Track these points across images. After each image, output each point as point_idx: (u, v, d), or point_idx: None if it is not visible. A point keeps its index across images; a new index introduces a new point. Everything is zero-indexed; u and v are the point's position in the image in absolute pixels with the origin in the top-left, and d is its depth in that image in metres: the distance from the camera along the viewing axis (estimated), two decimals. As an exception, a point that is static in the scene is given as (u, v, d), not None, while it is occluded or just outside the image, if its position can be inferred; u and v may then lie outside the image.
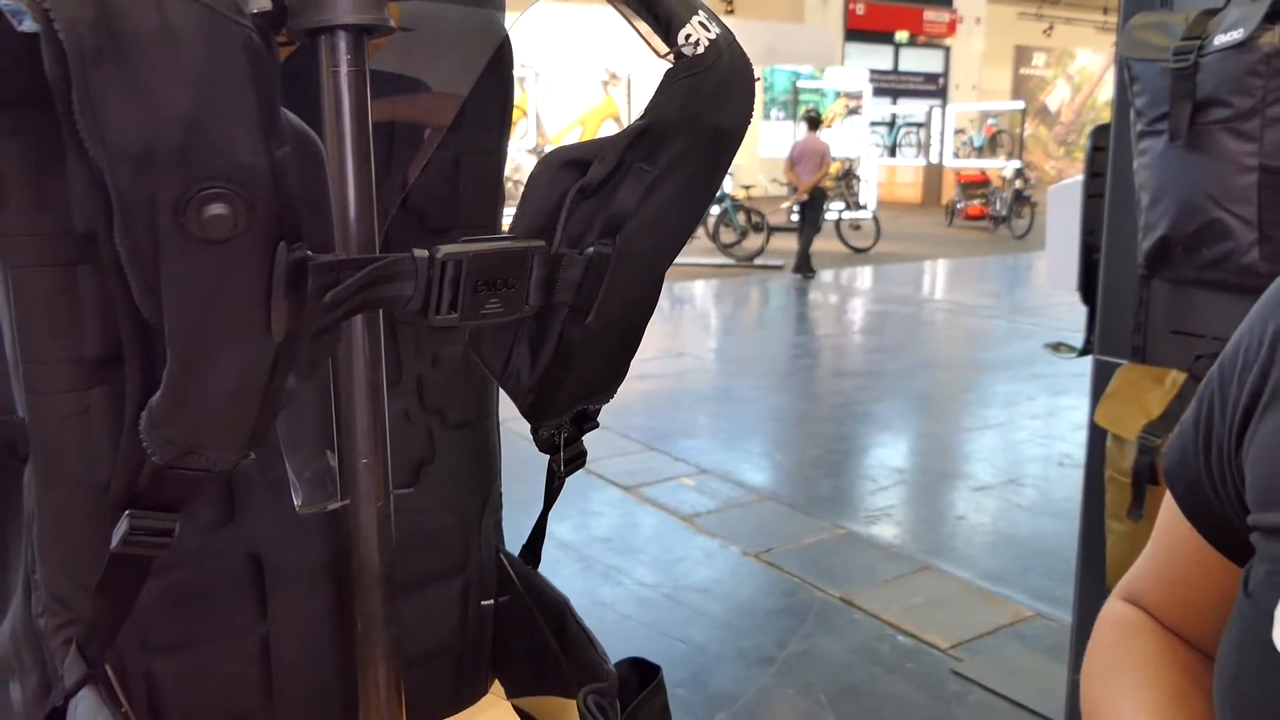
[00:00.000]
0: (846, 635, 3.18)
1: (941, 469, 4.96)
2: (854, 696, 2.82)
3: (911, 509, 4.38)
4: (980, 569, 3.63)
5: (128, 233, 0.50)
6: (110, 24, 0.47)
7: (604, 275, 0.68)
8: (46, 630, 0.70)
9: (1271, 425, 0.52)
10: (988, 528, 4.13)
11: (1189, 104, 2.03)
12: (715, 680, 2.91)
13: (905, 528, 4.14)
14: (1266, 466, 0.52)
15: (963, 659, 2.97)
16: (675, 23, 0.65)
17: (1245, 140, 1.93)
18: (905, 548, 3.89)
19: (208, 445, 0.58)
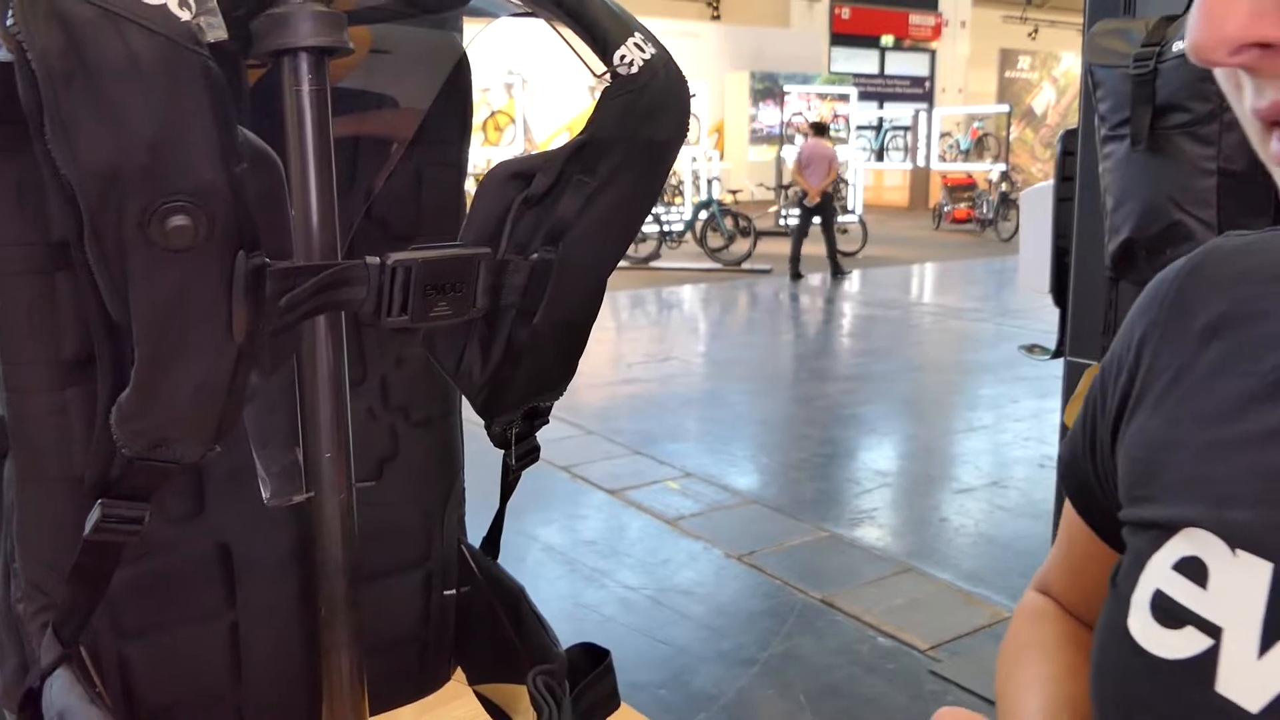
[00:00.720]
0: (827, 636, 3.21)
1: (926, 471, 5.01)
2: (833, 696, 2.85)
3: (895, 511, 4.42)
4: (961, 570, 3.68)
5: (96, 242, 0.54)
6: (79, 52, 0.51)
7: (548, 280, 0.72)
8: (25, 615, 0.74)
9: (1138, 425, 0.55)
10: (969, 529, 4.17)
11: (1149, 109, 2.08)
12: (696, 681, 2.95)
13: (888, 530, 4.18)
14: (1131, 465, 0.55)
15: (941, 660, 3.01)
16: (610, 44, 0.70)
17: (1204, 144, 1.98)
18: (888, 550, 3.93)
19: (175, 438, 0.62)
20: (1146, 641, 0.48)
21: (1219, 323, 0.53)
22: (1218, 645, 0.45)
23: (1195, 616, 0.47)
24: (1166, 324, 0.56)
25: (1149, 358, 0.56)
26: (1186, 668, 0.46)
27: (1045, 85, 24.02)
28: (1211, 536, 0.47)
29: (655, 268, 12.07)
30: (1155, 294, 0.58)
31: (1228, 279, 0.54)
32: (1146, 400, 0.55)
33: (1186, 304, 0.55)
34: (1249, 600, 0.44)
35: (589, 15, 0.70)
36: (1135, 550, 0.52)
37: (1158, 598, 0.49)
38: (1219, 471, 0.49)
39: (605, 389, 6.49)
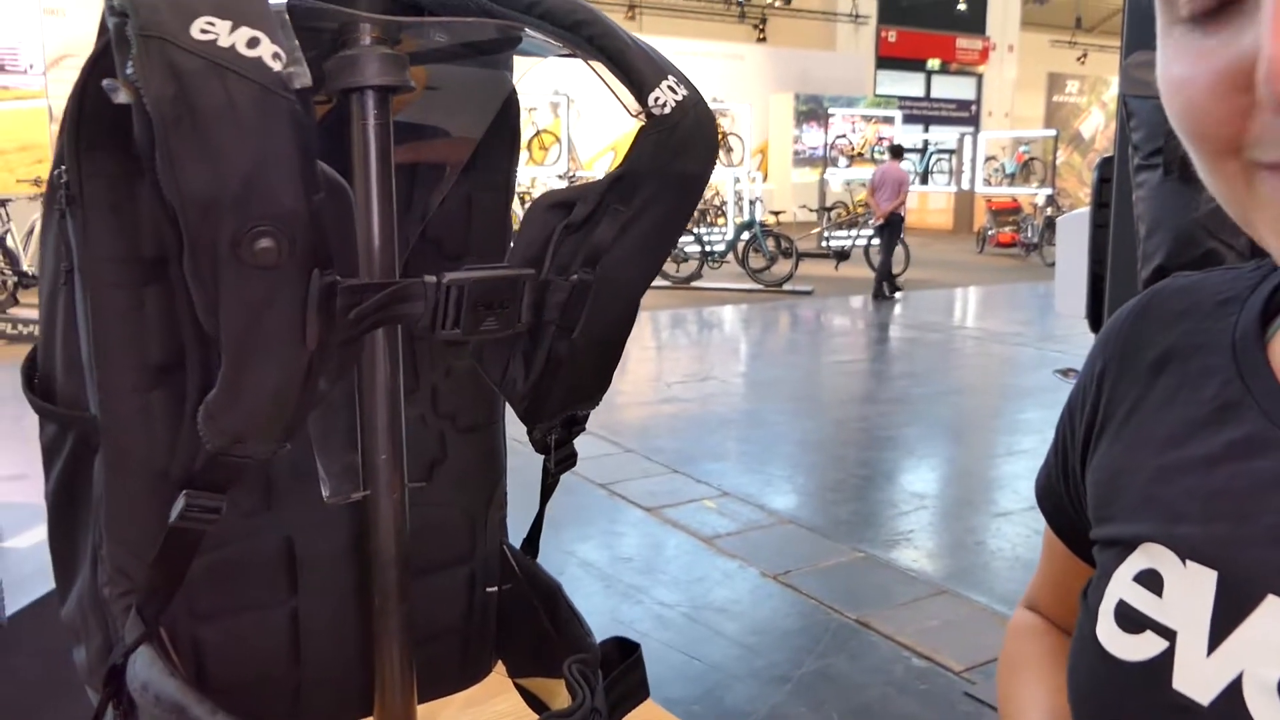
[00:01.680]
0: (861, 656, 3.23)
1: (964, 495, 5.01)
2: (866, 716, 2.87)
3: (931, 534, 4.43)
4: (997, 593, 3.68)
5: (194, 261, 0.62)
6: (187, 98, 0.59)
7: (586, 299, 0.79)
8: (110, 598, 0.82)
9: (1103, 451, 0.61)
10: (1007, 553, 4.17)
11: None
12: (730, 698, 2.98)
13: (924, 552, 4.19)
14: (1098, 488, 0.60)
15: (976, 681, 3.03)
16: (646, 86, 0.77)
17: (1235, 174, 2.02)
18: (923, 571, 3.93)
19: (252, 436, 0.69)
20: (1111, 647, 0.53)
21: (1165, 357, 0.58)
22: (1172, 647, 0.50)
23: (1153, 622, 0.51)
24: (1121, 359, 0.61)
25: (1108, 390, 0.61)
26: (1146, 668, 0.51)
27: (1094, 110, 23.85)
28: (1165, 550, 0.52)
29: (697, 287, 12.14)
30: (1110, 332, 0.63)
31: (1172, 316, 0.59)
32: (1109, 429, 0.60)
33: (1137, 341, 0.60)
34: (1198, 605, 0.49)
35: (627, 60, 0.77)
36: (1102, 565, 0.57)
37: (1121, 606, 0.53)
38: (1169, 492, 0.54)
39: (645, 407, 6.55)
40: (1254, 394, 0.52)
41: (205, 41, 0.60)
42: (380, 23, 0.77)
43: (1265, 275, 0.56)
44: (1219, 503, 0.51)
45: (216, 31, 0.60)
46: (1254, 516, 0.49)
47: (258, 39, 0.61)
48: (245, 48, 0.61)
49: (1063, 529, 0.68)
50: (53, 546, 0.89)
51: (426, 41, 0.83)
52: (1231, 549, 0.49)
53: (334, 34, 0.77)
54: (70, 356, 0.82)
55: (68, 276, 0.80)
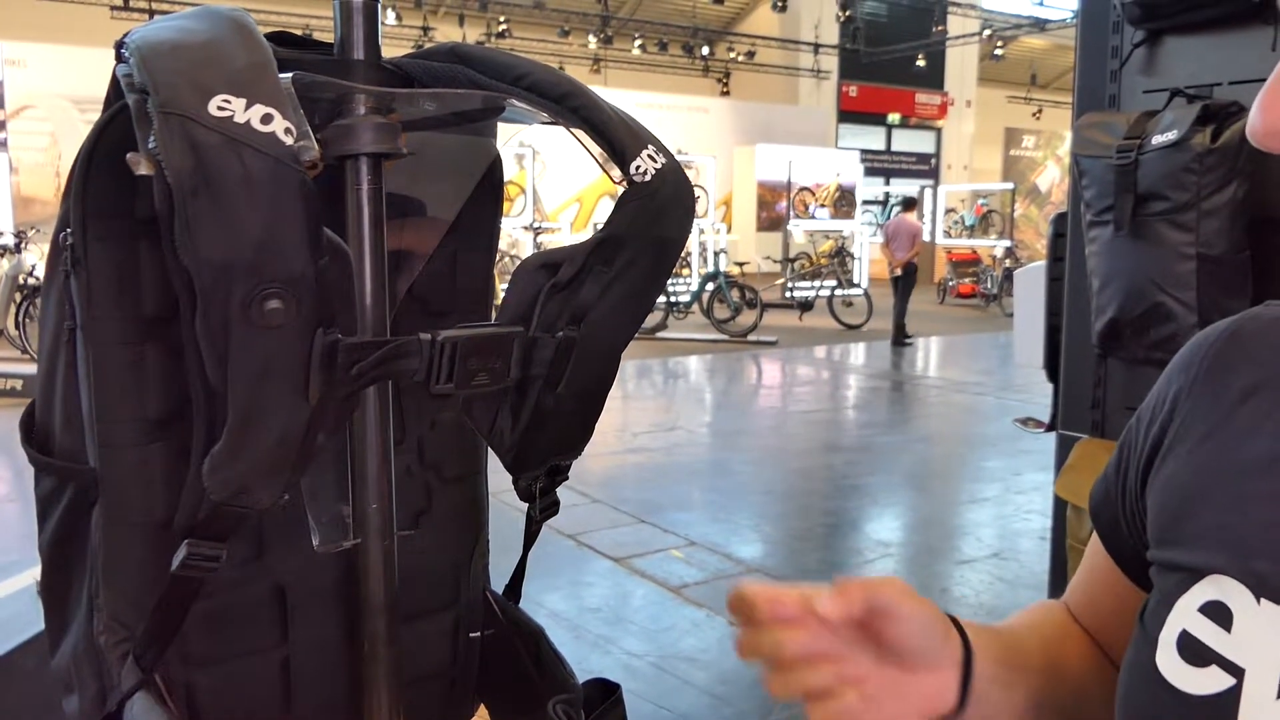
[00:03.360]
0: (829, 703, 3.26)
1: (928, 542, 5.05)
2: (834, 761, 2.90)
3: (896, 581, 4.47)
4: (961, 639, 3.72)
5: (206, 320, 0.66)
6: (204, 170, 0.63)
7: (571, 354, 0.84)
8: (105, 646, 0.84)
9: (1169, 472, 0.59)
10: (970, 600, 4.22)
11: (1131, 197, 2.20)
12: (699, 745, 2.99)
13: (889, 599, 4.23)
14: (1162, 510, 0.59)
15: (940, 726, 3.06)
16: (628, 154, 0.82)
17: (1183, 231, 2.10)
18: (888, 618, 3.97)
19: (255, 487, 0.73)
20: (1174, 678, 0.52)
21: (1254, 386, 0.57)
22: (1240, 685, 0.49)
23: (1220, 657, 0.50)
24: (1204, 382, 0.60)
25: (1184, 411, 0.60)
26: (1211, 703, 0.50)
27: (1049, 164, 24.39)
28: (1237, 584, 0.51)
29: (662, 338, 12.21)
30: (1194, 353, 0.62)
31: (1266, 347, 0.58)
32: (1178, 450, 0.59)
33: (1225, 366, 0.59)
34: (1271, 645, 0.49)
35: (609, 131, 0.83)
36: (1163, 591, 0.56)
37: (1184, 637, 0.52)
38: (1246, 523, 0.53)
39: (611, 458, 6.57)
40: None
41: (222, 118, 0.64)
42: (375, 94, 0.82)
43: None
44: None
45: (233, 108, 0.65)
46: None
47: (271, 115, 0.66)
48: (259, 123, 0.65)
49: (1115, 546, 0.67)
50: (45, 596, 0.91)
51: (417, 110, 0.87)
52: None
53: (331, 104, 0.81)
54: (70, 411, 0.85)
55: (70, 334, 0.83)
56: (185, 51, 0.68)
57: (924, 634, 0.60)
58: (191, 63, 0.67)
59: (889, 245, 12.23)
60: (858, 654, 0.60)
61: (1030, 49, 27.31)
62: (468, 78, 0.86)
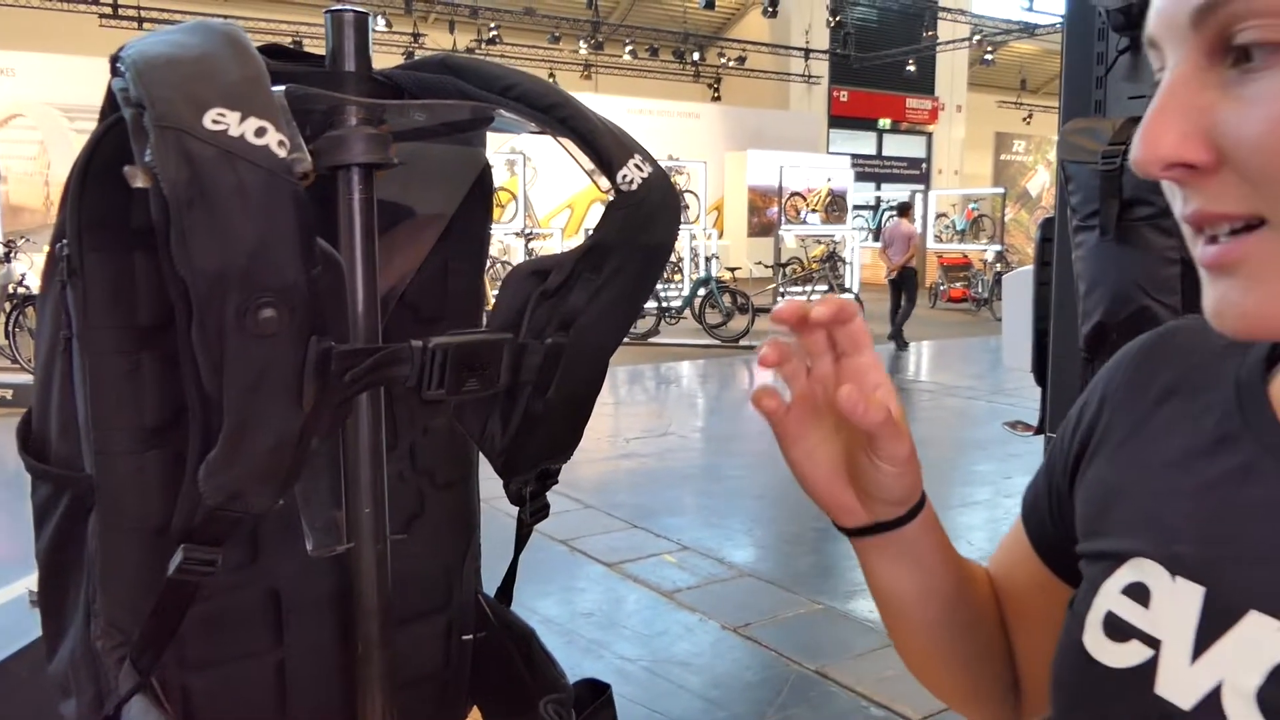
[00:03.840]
0: (821, 707, 3.27)
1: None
2: (826, 764, 2.91)
3: (888, 584, 4.48)
4: (952, 642, 3.73)
5: (201, 329, 0.67)
6: (200, 183, 0.65)
7: (560, 360, 0.85)
8: (103, 651, 0.85)
9: (1095, 471, 0.64)
10: (961, 602, 4.23)
11: (1117, 202, 2.22)
12: (692, 749, 3.00)
13: (881, 602, 4.24)
14: (1088, 505, 0.63)
15: (932, 729, 3.08)
16: (615, 164, 0.84)
17: (1167, 235, 2.12)
18: (880, 622, 3.97)
19: (250, 492, 0.74)
20: (1098, 653, 0.56)
21: (1172, 388, 0.62)
22: (1157, 655, 0.53)
23: (1139, 631, 0.55)
24: (1127, 387, 0.65)
25: (1108, 414, 0.65)
26: (1131, 674, 0.54)
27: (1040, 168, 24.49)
28: (1155, 565, 0.56)
29: (654, 343, 12.22)
30: (1120, 361, 0.67)
31: (1182, 353, 0.63)
32: (1103, 451, 0.64)
33: (1147, 372, 0.64)
34: (1185, 617, 0.53)
35: (597, 141, 0.84)
36: (1090, 578, 0.60)
37: (1108, 617, 0.57)
38: (1164, 511, 0.57)
39: (604, 463, 6.58)
40: (1251, 427, 0.56)
41: (217, 131, 0.66)
42: (366, 105, 0.83)
43: None
44: (1211, 525, 0.55)
45: (227, 122, 0.66)
46: (1243, 539, 0.53)
47: (265, 129, 0.67)
48: (253, 136, 0.67)
49: (1043, 546, 0.71)
50: (43, 602, 0.92)
51: (408, 121, 0.89)
52: (1220, 567, 0.53)
53: (323, 115, 0.83)
54: (66, 419, 0.86)
55: (66, 344, 0.84)
56: (180, 66, 0.69)
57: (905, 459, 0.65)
58: (186, 77, 0.68)
59: (886, 251, 12.42)
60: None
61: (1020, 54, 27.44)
62: (457, 89, 0.88)
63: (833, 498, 0.69)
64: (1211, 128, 0.47)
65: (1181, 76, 0.48)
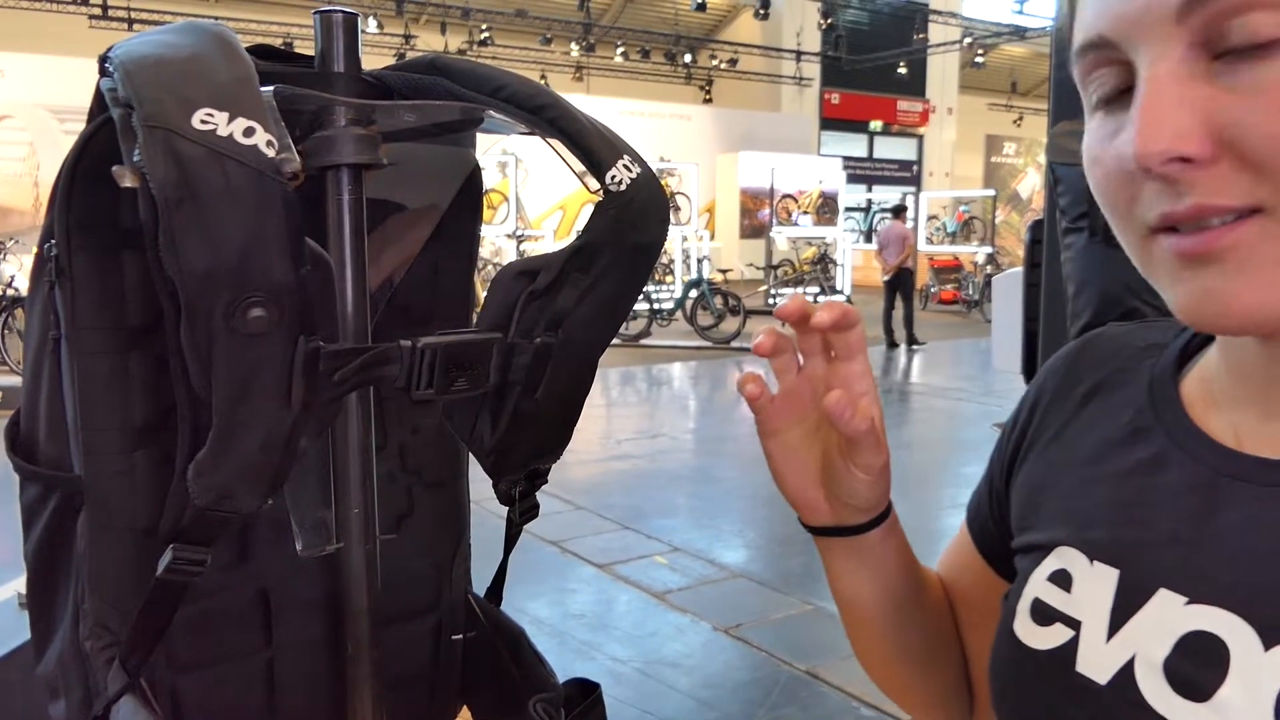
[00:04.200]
0: (812, 707, 3.28)
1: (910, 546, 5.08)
2: (817, 765, 2.92)
3: (879, 585, 4.49)
4: (943, 642, 3.75)
5: (191, 329, 0.67)
6: (188, 182, 0.65)
7: (549, 360, 0.86)
8: (91, 651, 0.85)
9: (1028, 468, 0.68)
10: (952, 603, 4.25)
11: (1105, 204, 2.24)
12: (683, 750, 3.01)
13: (872, 603, 4.25)
14: (1019, 503, 0.68)
15: (922, 729, 3.09)
16: (604, 165, 0.84)
17: (1156, 237, 2.14)
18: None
19: (239, 492, 0.74)
20: (1025, 638, 0.60)
21: (1093, 390, 0.66)
22: (1077, 635, 0.57)
23: (1061, 614, 0.58)
24: (1055, 391, 0.69)
25: (1039, 417, 0.69)
26: (1054, 655, 0.57)
27: (1030, 170, 24.57)
28: (1076, 552, 0.59)
29: (645, 345, 12.24)
30: (1048, 368, 0.72)
31: (1104, 357, 0.67)
32: (1035, 450, 0.68)
33: (1072, 377, 0.68)
34: (1101, 598, 0.57)
35: (585, 140, 0.84)
36: (1021, 570, 0.64)
37: (1035, 603, 0.60)
38: (1084, 502, 0.61)
39: (595, 465, 6.58)
40: (1161, 420, 0.60)
41: (206, 131, 0.66)
42: (355, 106, 0.83)
43: (1186, 326, 0.63)
44: (1125, 511, 0.58)
45: (216, 122, 0.66)
46: (1153, 523, 0.56)
47: (253, 128, 0.67)
48: (242, 136, 0.67)
49: (986, 544, 0.74)
50: (31, 603, 0.92)
51: (397, 122, 0.89)
52: (1132, 550, 0.57)
53: (312, 115, 0.83)
54: (54, 420, 0.86)
55: (55, 344, 0.84)
56: (169, 66, 0.69)
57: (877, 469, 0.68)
58: (175, 77, 0.68)
59: (881, 253, 12.54)
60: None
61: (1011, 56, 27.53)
62: (446, 89, 0.88)
63: (801, 493, 0.71)
64: (1209, 120, 0.47)
65: (1168, 71, 0.48)
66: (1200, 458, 0.56)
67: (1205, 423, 0.58)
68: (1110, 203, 0.54)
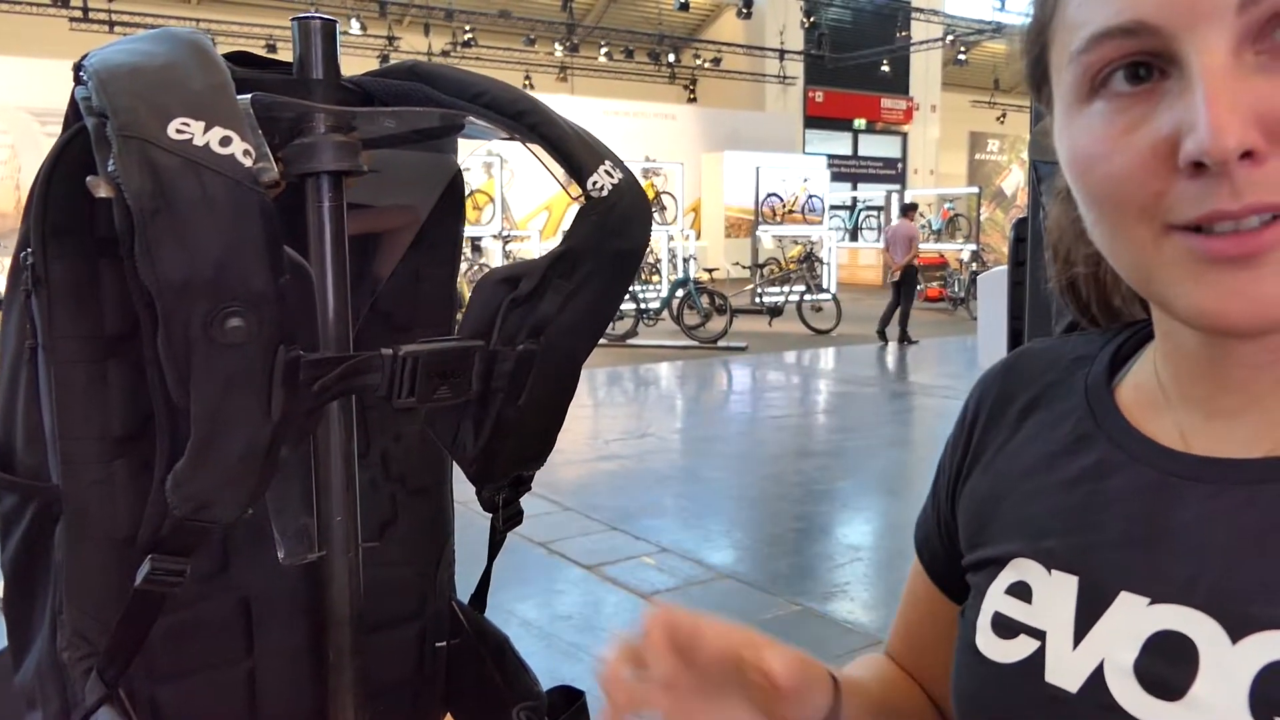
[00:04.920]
0: (800, 706, 3.28)
1: (898, 546, 5.08)
2: (805, 764, 2.91)
3: (867, 585, 4.49)
4: (930, 641, 3.74)
5: (168, 339, 0.67)
6: (164, 192, 0.64)
7: (532, 367, 0.85)
8: (69, 662, 0.85)
9: (970, 488, 0.68)
10: (939, 601, 4.25)
11: (1088, 203, 2.25)
12: (672, 750, 3.00)
13: (860, 604, 4.25)
14: (968, 518, 0.67)
15: (911, 728, 3.09)
16: (585, 171, 0.84)
17: (1138, 235, 2.15)
18: (859, 623, 3.99)
19: (217, 502, 0.74)
20: (989, 652, 0.59)
21: (1029, 405, 0.66)
22: (1043, 646, 0.57)
23: (1025, 626, 0.58)
24: (991, 410, 0.69)
25: (978, 435, 0.69)
26: (1021, 667, 0.57)
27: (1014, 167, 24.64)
28: (1032, 563, 0.59)
29: (632, 345, 12.22)
30: (981, 386, 0.71)
31: (1035, 371, 0.67)
32: (977, 468, 0.68)
33: (1006, 393, 0.68)
34: (1063, 607, 0.56)
35: (566, 146, 0.84)
36: (976, 585, 0.64)
37: (996, 617, 0.60)
38: (1034, 512, 0.61)
39: (583, 465, 6.57)
40: (1103, 427, 0.60)
41: (181, 140, 0.65)
42: (334, 113, 0.83)
43: (1112, 337, 0.65)
44: (1076, 517, 0.58)
45: (191, 131, 0.66)
46: (1105, 526, 0.57)
47: (230, 138, 0.67)
48: (218, 146, 0.66)
49: (935, 569, 0.74)
50: (8, 613, 0.91)
51: (377, 129, 0.88)
52: (1088, 556, 0.57)
53: (291, 122, 0.82)
54: (31, 430, 0.85)
55: (31, 353, 0.83)
56: (144, 75, 0.69)
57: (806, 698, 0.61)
58: (150, 86, 0.68)
59: (889, 250, 12.73)
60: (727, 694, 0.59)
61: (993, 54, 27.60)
62: (427, 96, 0.88)
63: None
64: (1264, 114, 0.46)
65: (1223, 63, 0.46)
66: (1146, 459, 0.57)
67: (1145, 426, 0.59)
68: (1122, 199, 0.50)
